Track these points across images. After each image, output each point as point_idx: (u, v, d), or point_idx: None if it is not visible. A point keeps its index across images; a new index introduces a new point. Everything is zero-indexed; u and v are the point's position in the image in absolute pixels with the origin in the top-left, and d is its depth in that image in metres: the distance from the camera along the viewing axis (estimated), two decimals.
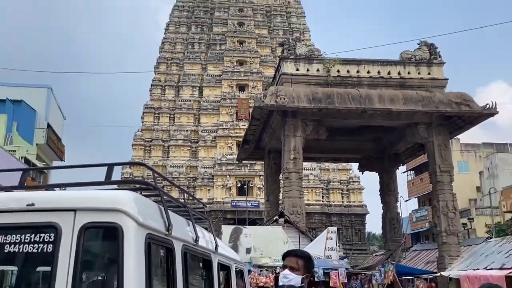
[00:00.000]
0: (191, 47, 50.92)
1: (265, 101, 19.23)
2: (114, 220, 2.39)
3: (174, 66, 49.91)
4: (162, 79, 49.27)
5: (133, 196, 2.53)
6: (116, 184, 2.92)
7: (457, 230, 19.69)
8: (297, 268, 3.05)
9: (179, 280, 2.91)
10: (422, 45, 21.52)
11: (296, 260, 3.10)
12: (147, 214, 2.56)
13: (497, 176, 41.48)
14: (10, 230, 2.45)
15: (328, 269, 13.80)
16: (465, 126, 21.17)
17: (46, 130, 30.64)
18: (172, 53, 50.72)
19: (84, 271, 2.46)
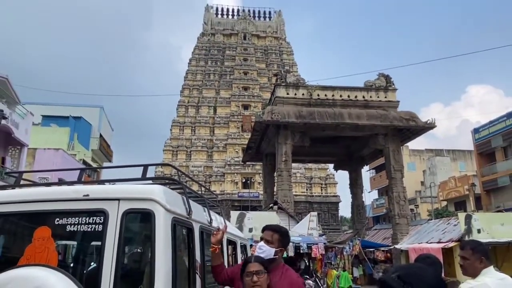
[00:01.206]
0: (208, 77, 50.96)
1: (263, 117, 19.22)
2: (148, 207, 2.39)
3: (195, 91, 49.93)
4: (186, 101, 49.28)
5: (162, 189, 2.54)
6: (150, 180, 2.92)
7: (407, 214, 19.58)
8: (272, 241, 2.65)
9: (197, 252, 2.91)
10: (380, 76, 21.52)
11: (271, 234, 2.69)
12: (173, 203, 2.56)
13: (436, 173, 41.40)
14: (71, 214, 2.46)
15: (310, 244, 13.71)
16: (412, 136, 21.12)
17: (99, 139, 30.69)
18: (193, 81, 50.76)
19: (126, 245, 2.46)
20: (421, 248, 13.40)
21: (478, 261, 2.54)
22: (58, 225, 2.44)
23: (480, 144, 31.42)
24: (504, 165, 29.16)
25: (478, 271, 2.52)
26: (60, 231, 2.48)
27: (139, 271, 2.54)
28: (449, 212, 31.55)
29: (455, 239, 12.78)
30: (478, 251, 2.57)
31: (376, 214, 44.88)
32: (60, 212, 2.47)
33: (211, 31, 55.86)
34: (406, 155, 40.77)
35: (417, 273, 1.15)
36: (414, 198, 40.55)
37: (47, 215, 2.50)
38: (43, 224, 2.45)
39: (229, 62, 51.77)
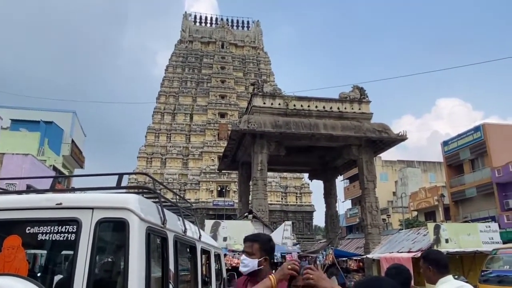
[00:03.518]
0: (185, 84, 50.73)
1: (240, 126, 19.24)
2: (123, 216, 2.40)
3: (171, 97, 49.57)
4: (162, 107, 48.82)
5: (137, 198, 2.55)
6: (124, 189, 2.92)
7: (379, 224, 19.93)
8: (253, 252, 2.47)
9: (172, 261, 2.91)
10: (355, 88, 21.95)
11: (250, 245, 2.51)
12: (147, 212, 2.57)
13: (407, 184, 42.47)
14: (43, 223, 2.43)
15: (284, 253, 13.78)
16: (385, 148, 21.57)
17: (70, 145, 29.89)
18: (170, 88, 50.41)
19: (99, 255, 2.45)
20: (392, 257, 13.64)
21: (427, 269, 2.69)
22: (29, 234, 2.41)
23: (449, 156, 32.55)
24: (471, 177, 30.29)
25: (434, 280, 2.67)
26: (31, 240, 2.44)
27: (112, 281, 2.53)
28: (419, 222, 32.34)
29: (424, 249, 13.10)
30: (427, 260, 2.74)
31: (349, 223, 45.48)
32: (31, 221, 2.44)
33: (189, 38, 55.78)
34: (379, 166, 41.68)
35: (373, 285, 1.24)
36: (386, 208, 41.38)
37: (17, 223, 2.46)
38: (14, 232, 2.41)
39: (207, 70, 51.76)
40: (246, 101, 40.32)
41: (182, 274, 3.11)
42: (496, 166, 27.15)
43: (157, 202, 2.93)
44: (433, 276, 2.70)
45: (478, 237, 13.38)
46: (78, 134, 34.21)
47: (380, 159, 44.46)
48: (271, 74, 53.27)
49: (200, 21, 59.44)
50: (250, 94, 25.08)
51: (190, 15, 59.37)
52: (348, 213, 46.81)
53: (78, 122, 34.70)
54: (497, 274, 8.72)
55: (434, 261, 2.72)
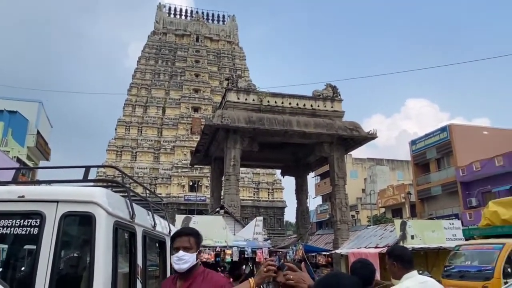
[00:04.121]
0: (158, 76, 49.87)
1: (213, 121, 19.14)
2: (89, 210, 2.34)
3: (143, 90, 48.63)
4: (133, 100, 47.82)
5: (104, 192, 2.49)
6: (91, 182, 2.85)
7: (348, 220, 20.35)
8: (191, 247, 2.33)
9: (140, 257, 2.87)
10: (328, 86, 22.23)
11: (188, 239, 2.34)
12: (115, 206, 2.52)
13: (376, 182, 43.61)
14: (4, 216, 2.34)
15: (255, 248, 13.83)
16: (356, 146, 22.00)
17: (36, 136, 28.81)
18: (142, 80, 49.43)
19: (63, 250, 2.39)
20: (359, 252, 13.93)
21: (392, 265, 2.78)
22: None
23: (417, 155, 33.61)
24: (437, 176, 31.42)
25: (399, 275, 2.76)
26: None
27: (77, 276, 2.47)
28: (386, 219, 33.25)
29: (390, 245, 13.48)
30: (392, 255, 2.83)
31: (319, 219, 46.22)
32: None
33: (163, 30, 54.79)
34: (349, 163, 42.55)
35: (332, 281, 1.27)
36: (355, 205, 42.31)
37: None
38: None
39: (180, 63, 51.05)
40: (220, 96, 40.09)
41: (151, 270, 3.07)
42: (460, 166, 28.27)
43: (126, 196, 2.88)
44: (398, 271, 2.78)
45: (442, 234, 13.88)
46: (44, 125, 33.01)
47: (351, 157, 45.37)
48: (246, 69, 53.18)
49: (175, 12, 58.50)
50: (224, 89, 24.95)
51: (165, 6, 58.32)
52: (318, 209, 47.56)
53: (45, 112, 33.46)
54: (459, 269, 9.10)
55: (399, 257, 2.80)
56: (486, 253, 8.74)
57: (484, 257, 8.72)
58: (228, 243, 13.40)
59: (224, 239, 13.64)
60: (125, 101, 47.84)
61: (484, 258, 8.72)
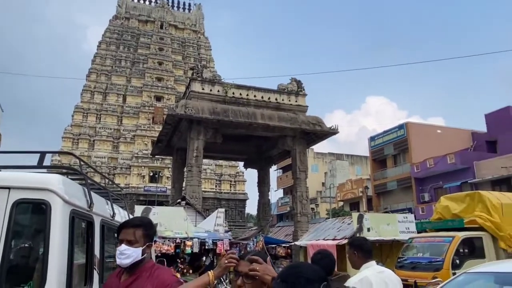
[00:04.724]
0: (119, 63, 48.21)
1: (176, 111, 18.81)
2: (44, 197, 2.21)
3: (103, 76, 46.86)
4: (92, 86, 45.98)
5: (61, 179, 2.36)
6: (47, 168, 2.70)
7: (308, 213, 20.78)
8: (136, 240, 2.08)
9: (97, 246, 2.77)
10: (292, 81, 22.46)
11: (133, 232, 2.10)
12: (72, 194, 2.40)
13: (336, 176, 44.81)
14: None
15: (216, 240, 13.82)
16: (318, 140, 22.44)
17: None
18: (102, 66, 47.60)
19: (14, 239, 2.24)
20: (318, 244, 14.27)
21: (353, 255, 2.89)
22: None
23: (375, 151, 34.83)
24: (393, 171, 32.75)
25: (358, 265, 2.87)
26: None
27: (29, 268, 2.33)
28: (344, 212, 34.30)
29: (347, 237, 13.91)
30: (353, 246, 2.95)
31: (280, 212, 46.93)
32: None
33: (125, 15, 52.93)
34: (311, 157, 43.40)
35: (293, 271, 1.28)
36: (315, 198, 43.29)
37: None
38: None
39: (143, 50, 49.61)
40: (184, 85, 39.43)
41: (109, 261, 2.97)
42: (415, 162, 29.59)
43: (84, 184, 2.77)
44: (358, 261, 2.88)
45: (396, 227, 14.49)
46: None
47: (312, 151, 46.25)
48: (211, 60, 52.58)
49: None
50: (188, 78, 24.56)
51: None
52: (279, 202, 48.25)
53: None
54: (411, 260, 9.56)
55: (359, 247, 2.90)
56: (437, 245, 9.23)
57: (435, 249, 9.20)
58: (189, 234, 13.30)
59: (185, 230, 13.52)
60: (84, 87, 45.92)
61: (435, 250, 9.20)
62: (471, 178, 25.46)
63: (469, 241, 9.08)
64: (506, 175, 22.83)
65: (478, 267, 3.13)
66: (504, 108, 28.04)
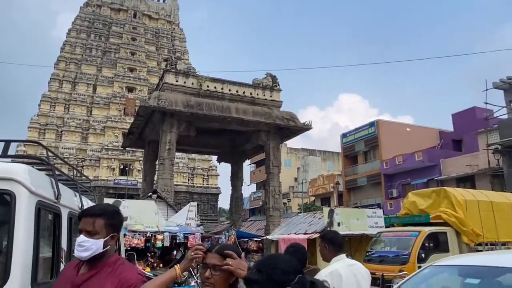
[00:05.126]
0: (89, 52, 46.74)
1: (149, 102, 18.48)
2: (8, 187, 2.12)
3: (72, 65, 45.32)
4: (60, 75, 44.39)
5: (27, 169, 2.27)
6: (12, 158, 2.58)
7: (280, 207, 20.99)
8: (96, 231, 1.85)
9: (64, 240, 2.69)
10: (268, 76, 22.51)
11: (92, 221, 1.86)
12: (38, 185, 2.31)
13: (308, 171, 45.36)
14: None
15: (187, 234, 13.74)
16: (291, 136, 22.65)
17: None
18: (72, 54, 46.03)
19: None
20: (289, 238, 14.44)
21: (324, 248, 2.95)
22: None
23: (346, 147, 35.49)
24: (364, 168, 33.50)
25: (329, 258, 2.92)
26: None
27: None
28: (316, 207, 34.81)
29: (318, 231, 14.15)
30: (324, 239, 3.00)
31: (252, 206, 47.13)
32: None
33: (97, 2, 51.29)
34: (284, 153, 43.72)
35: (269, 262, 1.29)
36: (288, 193, 43.73)
37: None
38: None
39: (115, 39, 48.30)
40: (158, 77, 38.70)
41: None
42: (384, 159, 30.37)
43: (51, 175, 2.67)
44: (329, 254, 2.93)
45: (365, 222, 14.86)
46: None
47: (286, 146, 46.59)
48: (186, 52, 51.85)
49: None
50: (162, 70, 24.13)
51: None
52: (252, 196, 48.43)
53: None
54: (379, 254, 9.83)
55: (331, 240, 2.96)
56: (404, 239, 9.53)
57: (402, 243, 9.50)
58: (160, 228, 13.16)
59: (156, 224, 13.36)
60: (52, 75, 44.28)
61: (402, 244, 9.50)
62: (438, 175, 26.39)
63: (434, 236, 9.43)
64: (470, 173, 23.81)
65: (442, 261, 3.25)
66: (470, 108, 29.17)
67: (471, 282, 2.82)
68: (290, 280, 1.22)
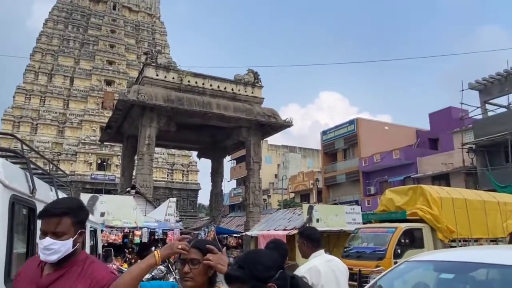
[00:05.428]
0: (67, 43, 45.53)
1: (128, 96, 18.19)
2: None
3: (49, 56, 44.07)
4: (36, 66, 43.11)
5: (0, 162, 2.20)
6: None
7: (260, 203, 21.08)
8: (63, 231, 1.65)
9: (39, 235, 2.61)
10: (249, 72, 22.48)
11: (58, 221, 1.65)
12: (13, 178, 2.24)
13: (288, 168, 45.62)
14: None
15: (166, 230, 13.64)
16: (272, 132, 22.74)
17: None
18: (48, 45, 44.73)
19: None
20: (269, 234, 14.53)
21: (303, 244, 2.98)
22: None
23: (326, 145, 35.86)
24: (343, 165, 33.94)
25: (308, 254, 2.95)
26: None
27: None
28: (295, 203, 35.07)
29: (298, 227, 14.29)
30: (303, 236, 3.03)
31: (232, 202, 47.10)
32: None
33: None
34: (265, 149, 43.79)
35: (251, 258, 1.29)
36: (268, 189, 43.88)
37: None
38: None
39: (94, 31, 47.20)
40: (137, 70, 38.06)
41: None
42: (363, 157, 30.85)
43: (26, 168, 2.59)
44: (307, 250, 2.96)
45: (344, 218, 15.11)
46: None
47: (266, 143, 46.70)
48: (167, 46, 51.15)
49: None
50: (142, 63, 23.75)
51: None
52: (232, 193, 48.38)
53: None
54: (357, 250, 10.00)
55: (309, 236, 2.98)
56: (381, 235, 9.72)
57: (379, 239, 9.69)
58: (138, 224, 13.01)
59: (134, 220, 13.20)
60: (27, 66, 42.94)
61: (379, 240, 9.68)
62: (414, 173, 27.00)
63: (410, 232, 9.65)
64: (446, 171, 24.45)
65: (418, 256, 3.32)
66: (446, 108, 29.94)
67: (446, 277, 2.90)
68: (271, 276, 1.22)
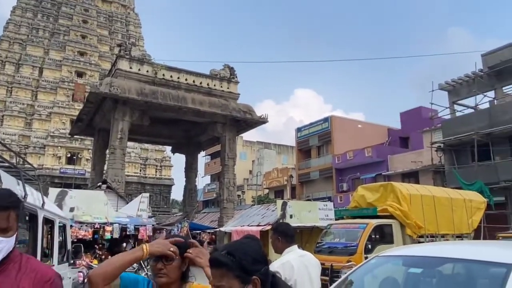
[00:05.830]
0: (36, 32, 43.85)
1: (100, 89, 17.75)
2: None
3: (16, 45, 42.34)
4: (3, 55, 41.33)
5: None
6: None
7: (234, 199, 21.10)
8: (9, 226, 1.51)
9: None
10: (225, 67, 22.39)
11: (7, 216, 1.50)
12: None
13: (263, 164, 45.82)
14: None
15: (138, 225, 13.43)
16: (247, 128, 22.76)
17: None
18: (16, 34, 42.97)
19: None
20: (243, 230, 14.58)
21: (277, 240, 3.00)
22: None
23: (301, 141, 36.21)
24: (317, 162, 34.39)
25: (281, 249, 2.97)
26: None
27: None
28: (269, 199, 35.25)
29: (271, 223, 14.38)
30: (277, 231, 3.06)
31: (206, 198, 46.88)
32: None
33: None
34: (240, 145, 43.75)
35: (241, 247, 1.29)
36: (242, 185, 43.90)
37: None
38: None
39: (65, 20, 45.66)
40: (110, 63, 37.17)
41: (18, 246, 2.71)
42: (336, 154, 31.35)
43: None
44: (281, 245, 2.98)
45: (317, 214, 15.31)
46: None
47: (241, 139, 46.64)
48: (141, 38, 50.13)
49: None
50: (115, 55, 23.19)
51: None
52: (206, 188, 48.14)
53: None
54: (329, 245, 10.18)
55: (283, 232, 3.00)
56: (352, 231, 9.93)
57: (350, 235, 9.90)
58: (109, 219, 12.75)
59: (105, 215, 12.93)
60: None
61: (350, 236, 9.89)
62: (385, 170, 27.68)
63: (381, 228, 9.91)
64: (415, 169, 25.21)
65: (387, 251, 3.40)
66: (416, 108, 30.83)
67: (414, 271, 2.99)
68: (258, 269, 1.22)
